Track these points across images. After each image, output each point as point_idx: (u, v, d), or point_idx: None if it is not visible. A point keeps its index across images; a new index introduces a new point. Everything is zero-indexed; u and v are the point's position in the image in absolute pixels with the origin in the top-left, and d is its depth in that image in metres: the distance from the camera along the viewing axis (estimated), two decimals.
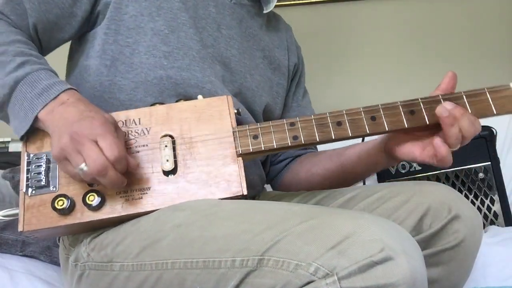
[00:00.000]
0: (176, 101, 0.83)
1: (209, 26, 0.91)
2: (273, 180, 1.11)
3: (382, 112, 0.79)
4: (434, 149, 0.76)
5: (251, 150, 0.78)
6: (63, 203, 0.73)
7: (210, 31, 0.91)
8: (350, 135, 0.78)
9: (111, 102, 0.85)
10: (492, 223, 1.31)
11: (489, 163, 1.33)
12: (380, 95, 1.85)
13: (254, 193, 0.98)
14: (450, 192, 0.78)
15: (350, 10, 1.79)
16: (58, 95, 0.75)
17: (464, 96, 0.80)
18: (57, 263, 1.13)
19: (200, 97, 0.83)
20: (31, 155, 0.77)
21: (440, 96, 0.80)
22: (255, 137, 0.79)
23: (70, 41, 0.94)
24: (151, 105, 0.82)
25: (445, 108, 0.75)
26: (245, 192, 0.75)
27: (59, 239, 0.90)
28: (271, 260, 0.61)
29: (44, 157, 0.77)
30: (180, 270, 0.68)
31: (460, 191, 1.32)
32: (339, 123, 0.79)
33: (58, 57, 0.95)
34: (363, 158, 0.90)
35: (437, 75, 1.90)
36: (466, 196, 1.33)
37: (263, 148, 0.78)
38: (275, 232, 0.62)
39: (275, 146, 0.79)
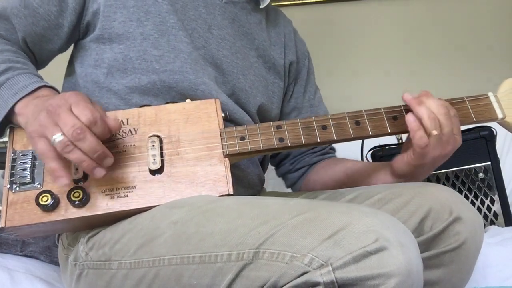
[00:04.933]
0: (166, 103, 0.83)
1: (199, 27, 0.91)
2: (291, 187, 1.12)
3: (366, 117, 0.82)
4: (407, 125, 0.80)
5: (237, 151, 0.79)
6: (47, 199, 0.73)
7: (200, 32, 0.91)
8: (335, 138, 0.81)
9: (106, 107, 0.86)
10: (492, 223, 1.31)
11: (489, 163, 1.33)
12: (379, 96, 1.85)
13: (253, 192, 0.98)
14: (451, 194, 0.78)
15: (349, 10, 1.78)
16: (33, 91, 0.76)
17: None
18: (57, 263, 1.13)
19: (188, 100, 0.83)
20: (17, 152, 0.77)
21: None
22: (242, 138, 0.80)
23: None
24: (140, 106, 0.83)
25: (407, 95, 0.81)
26: (231, 192, 0.76)
27: (58, 240, 0.90)
28: (266, 253, 0.61)
29: (30, 154, 0.77)
30: (177, 266, 0.68)
31: (460, 191, 1.32)
32: (324, 127, 0.82)
33: (59, 62, 0.96)
34: (370, 175, 0.94)
35: (437, 76, 1.90)
36: (466, 196, 1.33)
37: (249, 150, 0.80)
38: (270, 225, 0.63)
39: (261, 148, 0.80)
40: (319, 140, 0.81)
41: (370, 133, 0.82)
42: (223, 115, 0.82)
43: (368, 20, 1.79)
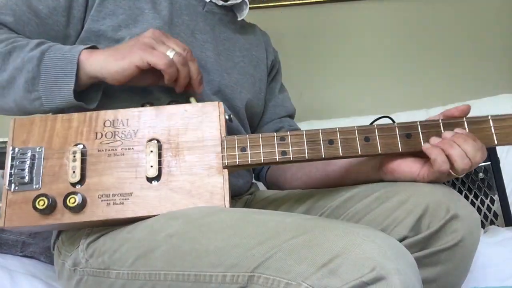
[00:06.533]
0: (168, 103, 0.82)
1: (183, 33, 0.95)
2: (258, 174, 1.13)
3: (377, 133, 0.77)
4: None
5: (237, 163, 0.77)
6: (44, 203, 0.73)
7: (184, 37, 0.94)
8: (341, 155, 0.77)
9: (102, 101, 0.86)
10: (492, 223, 1.30)
11: (489, 163, 1.32)
12: (375, 97, 1.85)
13: (243, 182, 1.00)
14: (448, 192, 0.77)
15: (344, 11, 1.79)
16: (85, 48, 0.79)
17: (465, 123, 0.78)
18: None
19: (192, 100, 0.82)
20: (16, 150, 0.77)
21: (440, 121, 0.78)
22: (243, 149, 0.77)
23: None
24: (141, 105, 0.82)
25: (427, 143, 0.77)
26: (228, 206, 0.75)
27: (53, 247, 0.91)
28: (261, 278, 0.61)
29: (29, 153, 0.77)
30: (172, 282, 0.68)
31: (460, 191, 1.32)
32: (331, 141, 0.77)
33: None
34: (352, 173, 0.89)
35: (435, 76, 1.89)
36: (466, 196, 1.33)
37: (249, 162, 0.77)
38: (266, 247, 0.62)
39: (262, 161, 0.78)
40: (324, 156, 0.77)
41: (380, 151, 0.77)
42: (226, 117, 0.81)
43: (363, 21, 1.79)
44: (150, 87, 0.87)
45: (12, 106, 0.80)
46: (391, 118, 1.38)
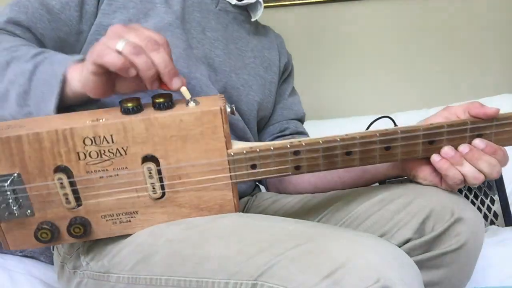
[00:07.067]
0: (153, 102, 0.69)
1: (193, 30, 0.93)
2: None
3: (400, 141, 0.72)
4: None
5: (246, 180, 0.72)
6: (47, 236, 0.69)
7: (194, 33, 0.93)
8: (358, 165, 0.73)
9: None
10: (492, 223, 1.30)
11: None
12: (375, 97, 1.85)
13: (245, 187, 0.99)
14: (453, 195, 0.77)
15: (344, 10, 1.78)
16: (77, 60, 0.71)
17: (494, 126, 0.71)
18: None
19: (191, 103, 0.69)
20: None
21: (469, 124, 0.72)
22: (253, 166, 0.71)
23: None
24: (120, 102, 0.69)
25: (437, 155, 0.73)
26: None
27: (53, 247, 0.90)
28: (264, 286, 0.60)
29: (6, 186, 0.67)
30: (174, 287, 0.67)
31: (460, 191, 1.32)
32: (349, 153, 0.72)
33: None
34: (368, 174, 0.87)
35: (434, 76, 1.90)
36: (466, 196, 1.33)
37: (259, 178, 0.73)
38: (269, 255, 0.61)
39: (272, 176, 0.73)
40: (338, 166, 0.72)
41: (398, 159, 0.73)
42: (229, 109, 0.73)
43: (363, 21, 1.79)
44: None
45: (9, 120, 0.76)
46: (391, 118, 1.38)
